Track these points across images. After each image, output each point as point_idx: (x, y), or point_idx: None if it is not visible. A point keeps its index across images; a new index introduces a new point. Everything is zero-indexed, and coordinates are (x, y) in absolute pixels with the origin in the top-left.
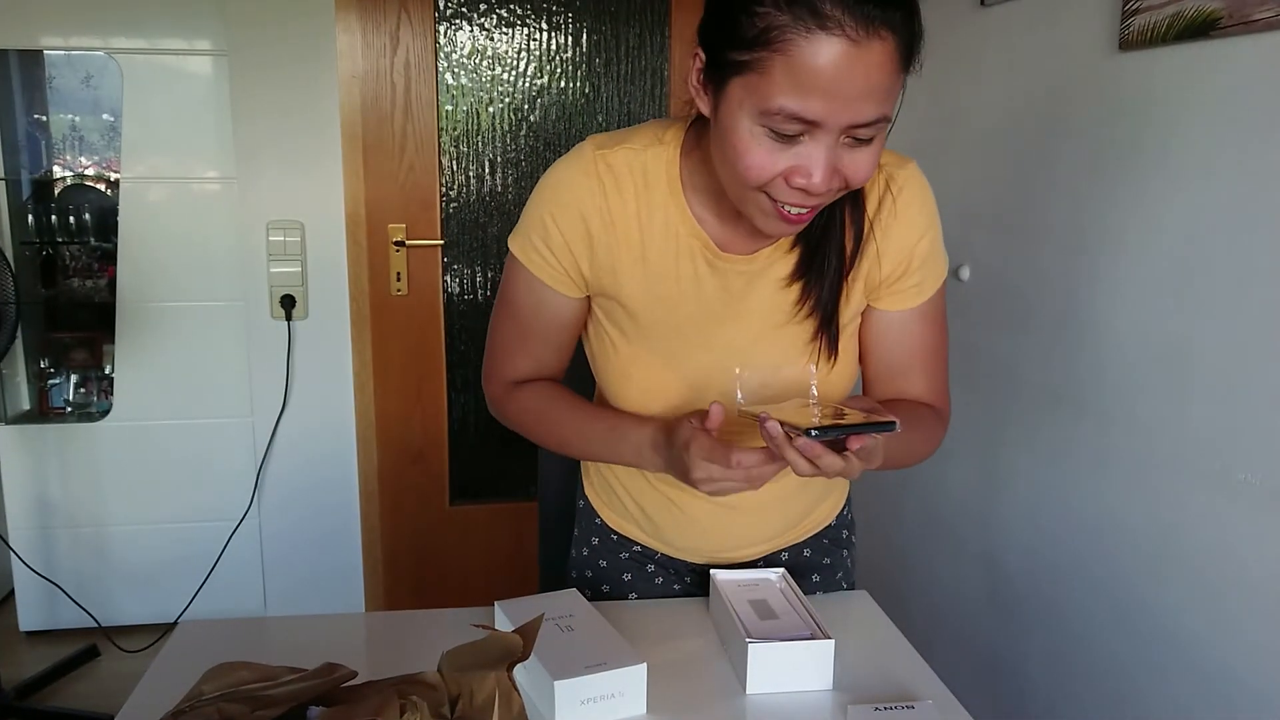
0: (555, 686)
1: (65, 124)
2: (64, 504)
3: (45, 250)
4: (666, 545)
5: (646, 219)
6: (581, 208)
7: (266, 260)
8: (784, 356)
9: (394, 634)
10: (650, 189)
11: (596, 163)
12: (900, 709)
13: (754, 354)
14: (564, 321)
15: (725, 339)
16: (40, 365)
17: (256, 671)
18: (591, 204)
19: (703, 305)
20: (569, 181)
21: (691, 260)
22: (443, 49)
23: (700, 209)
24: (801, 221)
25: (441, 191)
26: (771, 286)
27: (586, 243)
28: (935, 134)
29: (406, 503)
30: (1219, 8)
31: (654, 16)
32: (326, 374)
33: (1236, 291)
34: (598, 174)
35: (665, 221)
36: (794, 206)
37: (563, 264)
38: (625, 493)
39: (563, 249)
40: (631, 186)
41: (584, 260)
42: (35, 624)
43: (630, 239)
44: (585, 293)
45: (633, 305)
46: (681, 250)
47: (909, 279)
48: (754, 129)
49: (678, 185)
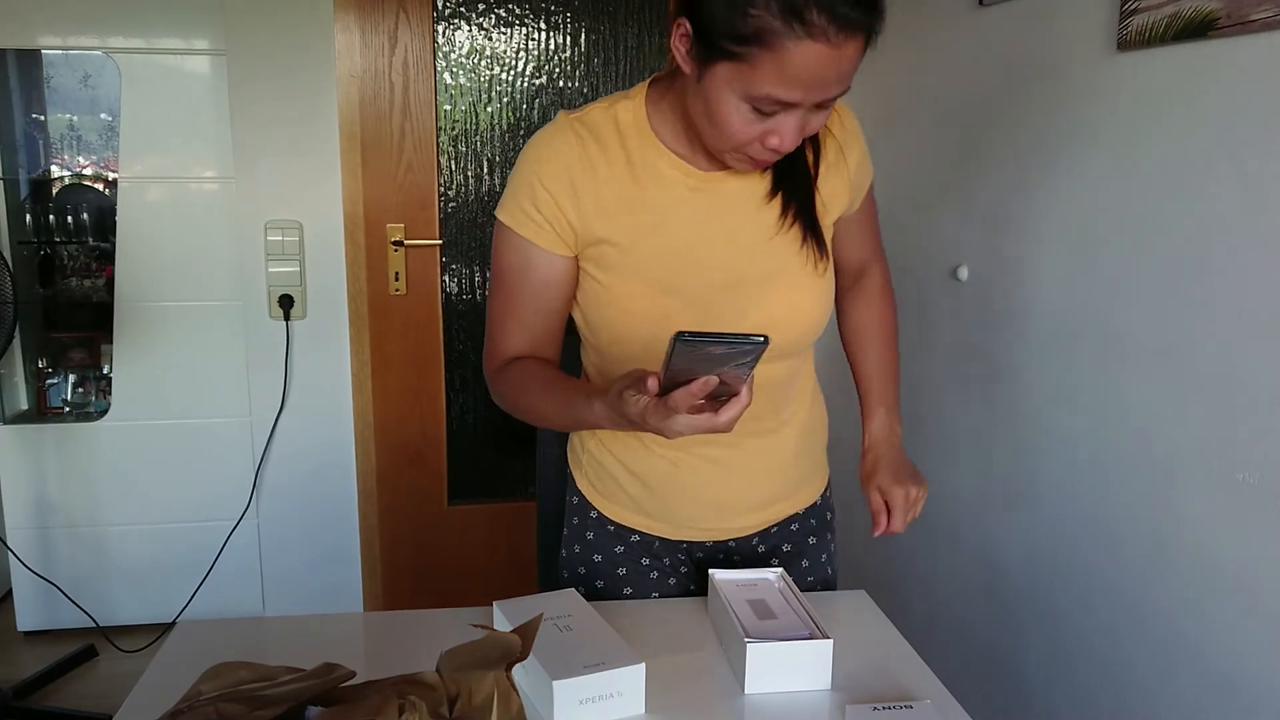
0: (554, 686)
1: (63, 123)
2: (62, 504)
3: (43, 250)
4: (665, 521)
5: (625, 161)
6: (565, 161)
7: (265, 260)
8: (781, 265)
9: (392, 634)
10: (624, 135)
11: (572, 123)
12: (898, 709)
13: (751, 267)
14: (552, 281)
15: (721, 258)
16: (38, 365)
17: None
18: (573, 155)
19: (693, 229)
20: (548, 141)
21: (674, 189)
22: (441, 49)
23: (673, 143)
24: (767, 163)
25: (440, 191)
26: (753, 205)
27: (572, 194)
28: (934, 134)
29: (405, 503)
30: (1217, 8)
31: (652, 16)
32: (325, 374)
33: (1235, 291)
34: (574, 131)
35: (643, 160)
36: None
37: (550, 221)
38: (621, 468)
39: (549, 205)
40: (607, 135)
41: (571, 212)
42: (33, 624)
43: (614, 180)
44: (573, 252)
45: (625, 241)
46: (663, 181)
47: (860, 180)
48: (739, 105)
49: (648, 127)
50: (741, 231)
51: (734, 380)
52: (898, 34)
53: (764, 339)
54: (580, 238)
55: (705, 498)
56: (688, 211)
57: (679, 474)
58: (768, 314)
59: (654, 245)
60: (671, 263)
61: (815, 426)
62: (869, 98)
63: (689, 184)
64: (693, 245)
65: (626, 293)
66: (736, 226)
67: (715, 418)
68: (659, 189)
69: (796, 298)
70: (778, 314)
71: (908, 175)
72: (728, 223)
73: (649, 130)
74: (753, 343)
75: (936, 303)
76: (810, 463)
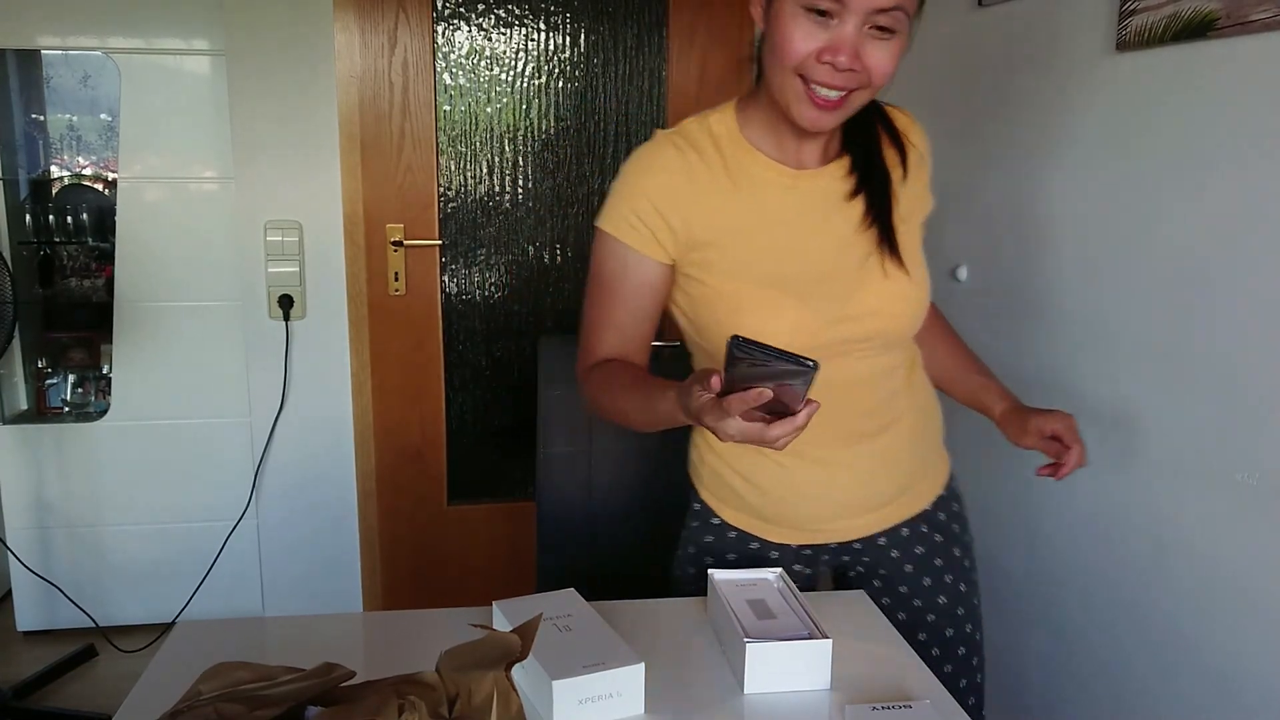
0: (553, 686)
1: (63, 124)
2: (62, 504)
3: (43, 250)
4: (781, 524)
5: (722, 167)
6: (668, 173)
7: (264, 260)
8: (862, 263)
9: (392, 634)
10: (719, 143)
11: (670, 137)
12: (897, 709)
13: (841, 262)
14: (647, 285)
15: (815, 251)
16: (38, 365)
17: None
18: (675, 166)
19: (788, 224)
20: (650, 155)
21: (766, 187)
22: (441, 49)
23: (764, 146)
24: (829, 106)
25: (439, 191)
26: (836, 200)
27: (675, 202)
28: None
29: (404, 503)
30: (1216, 8)
31: (652, 17)
32: (324, 374)
33: (1235, 291)
34: (673, 144)
35: (738, 165)
36: (821, 87)
37: (651, 228)
38: (736, 475)
39: (651, 213)
40: (704, 145)
41: (674, 219)
42: (33, 624)
43: (713, 187)
44: (670, 259)
45: (726, 242)
46: (758, 183)
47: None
48: (795, 11)
49: (739, 134)
50: (831, 225)
51: (791, 400)
52: None
53: (814, 364)
54: (681, 243)
55: (819, 498)
56: (782, 208)
57: (787, 475)
58: (864, 302)
59: (753, 243)
60: (771, 258)
61: (927, 419)
62: None
63: (782, 183)
64: (789, 239)
65: (731, 291)
66: (827, 220)
67: (766, 430)
68: (754, 190)
69: (890, 289)
70: (873, 303)
71: None
72: (819, 216)
73: (741, 137)
74: (802, 364)
75: (937, 302)
76: (926, 455)
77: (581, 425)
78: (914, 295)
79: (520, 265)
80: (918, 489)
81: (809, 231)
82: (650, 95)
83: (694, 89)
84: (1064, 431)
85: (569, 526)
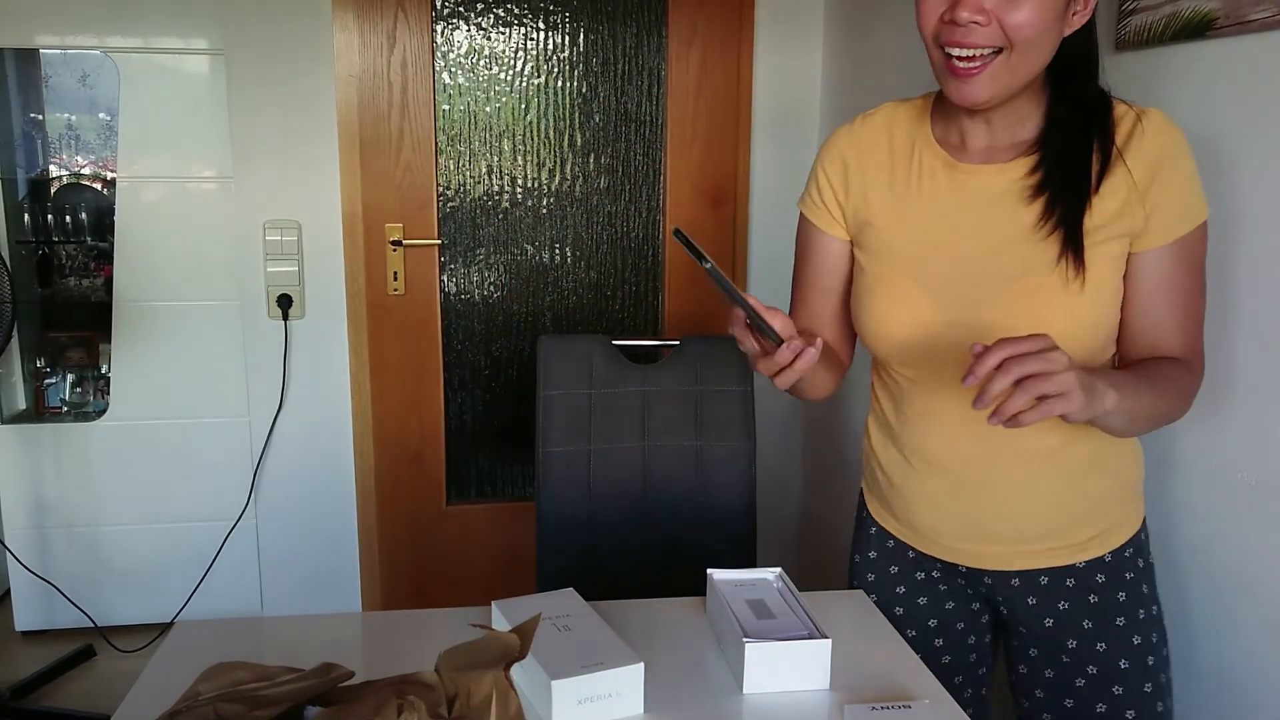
0: (552, 686)
1: (61, 123)
2: (60, 504)
3: (41, 249)
4: (909, 526)
5: (893, 147)
6: (840, 149)
7: (263, 259)
8: (1026, 268)
9: (391, 634)
10: (900, 127)
11: (859, 118)
12: (896, 709)
13: (992, 266)
14: (828, 262)
15: (965, 250)
16: (36, 365)
17: (254, 671)
18: (847, 143)
19: (945, 217)
20: (833, 134)
21: (932, 176)
22: (440, 48)
23: (944, 135)
24: (968, 73)
25: (438, 191)
26: (1011, 202)
27: (843, 176)
28: None
29: (403, 502)
30: (1215, 8)
31: (651, 16)
32: (323, 374)
33: (1234, 290)
34: (857, 124)
35: (911, 148)
36: (953, 49)
37: (826, 203)
38: (876, 464)
39: (826, 188)
40: (885, 127)
41: (841, 191)
42: (31, 624)
43: (881, 165)
44: (847, 235)
45: (880, 222)
46: (924, 168)
47: (1163, 212)
48: None
49: (925, 121)
50: (992, 226)
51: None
52: (897, 33)
53: (709, 264)
54: (849, 219)
55: (949, 509)
56: (943, 199)
57: (916, 478)
58: (1003, 315)
59: (907, 226)
60: (920, 247)
61: (1113, 460)
62: (866, 98)
63: (949, 174)
64: (942, 232)
65: (873, 273)
66: (988, 220)
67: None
68: (920, 175)
69: (1037, 305)
70: (1014, 319)
71: None
72: (980, 215)
73: (926, 124)
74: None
75: None
76: (1094, 499)
77: (580, 425)
78: (1087, 316)
79: (519, 265)
80: (1076, 533)
81: (964, 227)
82: (649, 95)
83: (693, 88)
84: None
85: (568, 526)
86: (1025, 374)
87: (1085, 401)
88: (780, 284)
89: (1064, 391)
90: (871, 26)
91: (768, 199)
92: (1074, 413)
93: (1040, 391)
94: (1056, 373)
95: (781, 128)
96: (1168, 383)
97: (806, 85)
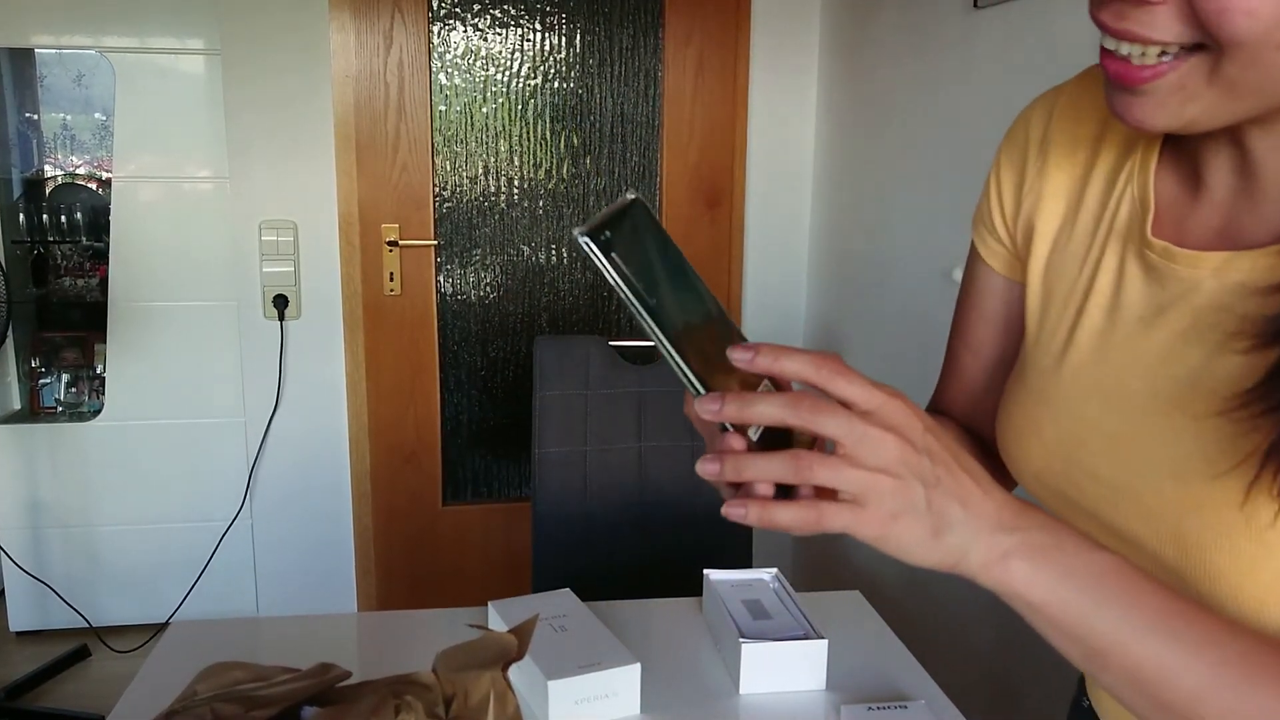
0: (549, 686)
1: (57, 123)
2: (55, 504)
3: (36, 249)
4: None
5: (1093, 156)
6: (1027, 131)
7: (259, 260)
8: (1194, 468)
9: (388, 634)
10: (1116, 135)
11: (1074, 79)
12: (893, 709)
13: (1137, 441)
14: (986, 310)
15: (1112, 388)
16: (31, 365)
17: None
18: (1037, 124)
19: (1108, 326)
20: (1030, 105)
21: (1119, 242)
22: (436, 49)
23: (1176, 153)
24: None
25: (435, 191)
26: (1216, 335)
27: (1019, 172)
28: (928, 135)
29: (399, 503)
30: None
31: (647, 18)
32: (319, 374)
33: None
34: (1062, 92)
35: (1117, 165)
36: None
37: (991, 216)
38: None
39: (994, 194)
40: (1094, 102)
41: (1010, 201)
42: (26, 624)
43: (1062, 184)
44: (1016, 274)
45: (1030, 287)
46: (1115, 220)
47: None
48: None
49: (1156, 144)
50: (1167, 369)
51: None
52: (893, 35)
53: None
54: (1018, 244)
55: None
56: (1120, 295)
57: None
58: (1150, 534)
59: (1049, 326)
60: (1055, 358)
61: None
62: (864, 98)
63: (1139, 242)
64: (1092, 355)
65: (1017, 373)
66: (1167, 358)
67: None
68: (1099, 234)
69: (1206, 542)
70: (1161, 543)
71: (902, 176)
72: (1158, 344)
73: (1155, 147)
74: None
75: (932, 304)
76: None
77: (577, 425)
78: None
79: (516, 265)
80: None
81: (1125, 358)
82: (646, 96)
83: (689, 90)
84: None
85: (565, 527)
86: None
87: (932, 537)
88: (779, 287)
89: (892, 502)
90: (869, 27)
91: (764, 201)
92: (902, 549)
93: (838, 484)
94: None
95: (779, 130)
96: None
97: (803, 87)
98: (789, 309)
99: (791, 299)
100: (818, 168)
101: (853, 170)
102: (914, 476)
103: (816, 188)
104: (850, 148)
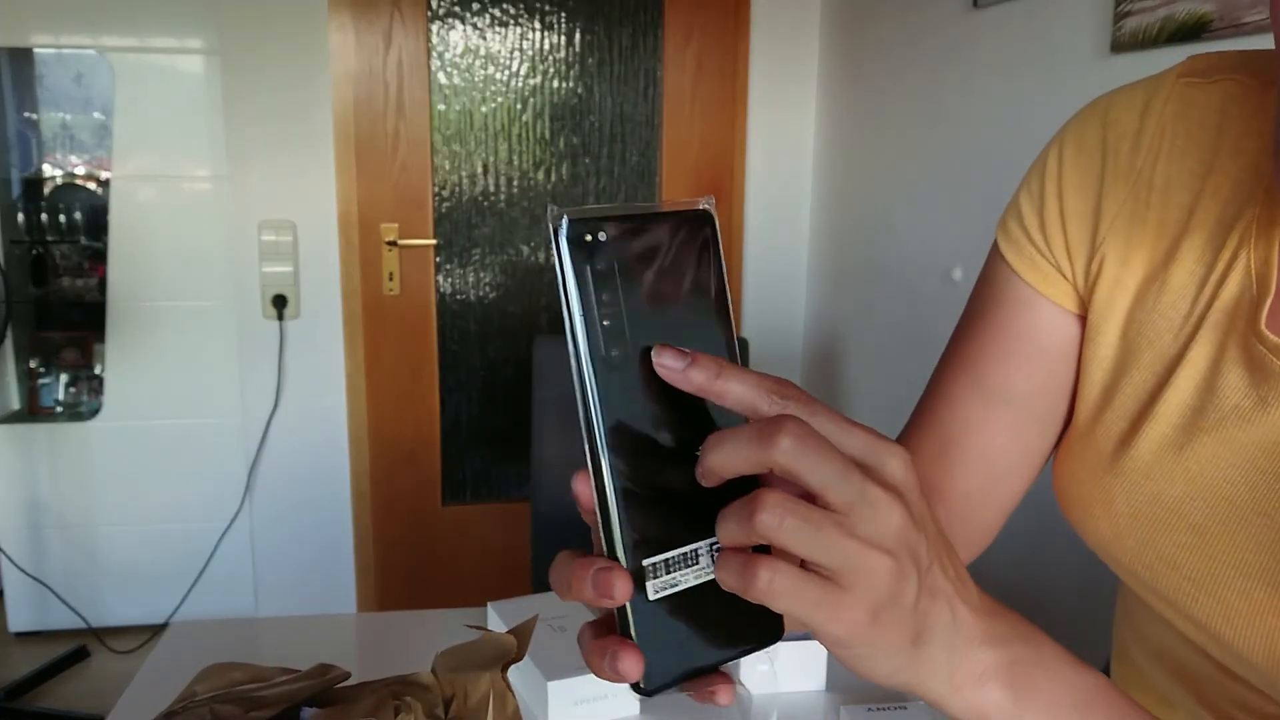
0: (549, 687)
1: (56, 122)
2: (54, 504)
3: (35, 249)
4: None
5: (1195, 199)
6: (1104, 140)
7: (258, 260)
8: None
9: (387, 635)
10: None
11: (1169, 83)
12: (893, 709)
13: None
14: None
15: (1198, 475)
16: (30, 365)
17: (250, 672)
18: (1124, 137)
19: (1198, 406)
20: (1105, 98)
21: (1221, 322)
22: (435, 48)
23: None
24: None
25: (434, 191)
26: None
27: (1091, 201)
28: (928, 135)
29: (398, 503)
30: (1210, 10)
31: (647, 18)
32: (318, 374)
33: None
34: (1156, 96)
35: (1224, 219)
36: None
37: (1048, 238)
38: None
39: (1053, 210)
40: (1202, 129)
41: (1077, 228)
42: (25, 625)
43: (1154, 227)
44: (1069, 303)
45: (1102, 336)
46: (1220, 293)
47: None
48: None
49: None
50: (1275, 467)
51: None
52: (893, 35)
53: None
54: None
55: None
56: (1215, 392)
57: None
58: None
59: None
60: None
61: None
62: (863, 99)
63: (1248, 338)
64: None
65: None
66: (1272, 451)
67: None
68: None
69: None
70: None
71: (902, 177)
72: (1257, 435)
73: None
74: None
75: (931, 305)
76: None
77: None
78: None
79: (515, 265)
80: None
81: (1208, 473)
82: (645, 95)
83: (689, 89)
84: None
85: (564, 527)
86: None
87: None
88: (778, 287)
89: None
90: (869, 27)
91: (764, 201)
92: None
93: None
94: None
95: (779, 129)
96: None
97: (803, 87)
98: (788, 309)
99: (791, 299)
100: (817, 168)
101: (852, 170)
102: (911, 561)
103: (816, 188)
104: (850, 147)
